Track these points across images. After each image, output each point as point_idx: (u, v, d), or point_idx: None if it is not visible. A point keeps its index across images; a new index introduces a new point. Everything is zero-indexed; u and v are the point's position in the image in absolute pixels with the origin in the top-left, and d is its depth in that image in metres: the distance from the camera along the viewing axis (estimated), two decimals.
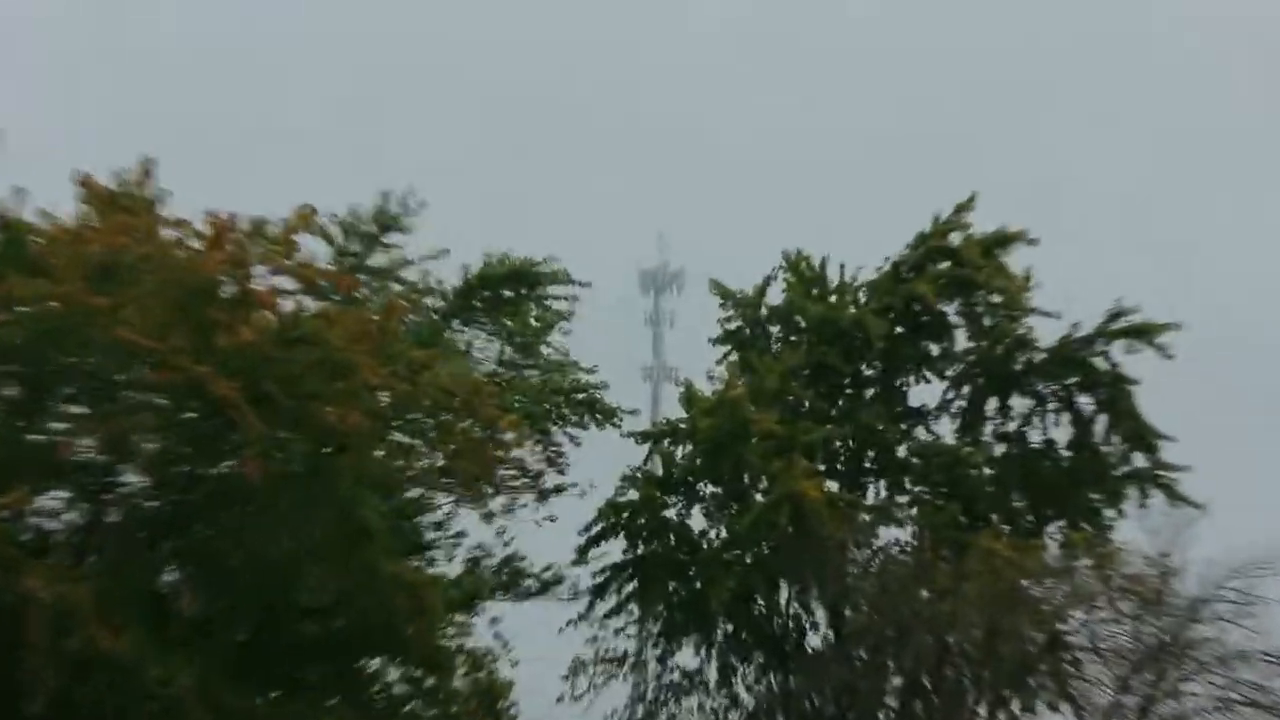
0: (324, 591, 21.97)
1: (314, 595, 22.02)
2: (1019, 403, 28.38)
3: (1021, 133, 51.74)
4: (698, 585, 27.99)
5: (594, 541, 28.54)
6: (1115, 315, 27.26)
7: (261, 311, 20.46)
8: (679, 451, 28.89)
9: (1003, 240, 28.62)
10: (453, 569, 28.54)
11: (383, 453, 23.08)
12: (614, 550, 28.67)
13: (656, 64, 58.74)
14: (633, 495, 28.68)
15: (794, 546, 26.25)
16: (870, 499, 28.45)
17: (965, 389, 28.85)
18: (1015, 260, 28.62)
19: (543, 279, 29.91)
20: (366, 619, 22.04)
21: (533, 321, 30.34)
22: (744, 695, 28.27)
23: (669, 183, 54.62)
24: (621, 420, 30.51)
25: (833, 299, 29.77)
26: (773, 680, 28.12)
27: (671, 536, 28.66)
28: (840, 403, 29.22)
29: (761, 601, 28.13)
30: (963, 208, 29.03)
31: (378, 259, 27.87)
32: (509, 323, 29.97)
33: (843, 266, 29.99)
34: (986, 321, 28.49)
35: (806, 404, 28.64)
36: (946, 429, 28.92)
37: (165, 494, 21.40)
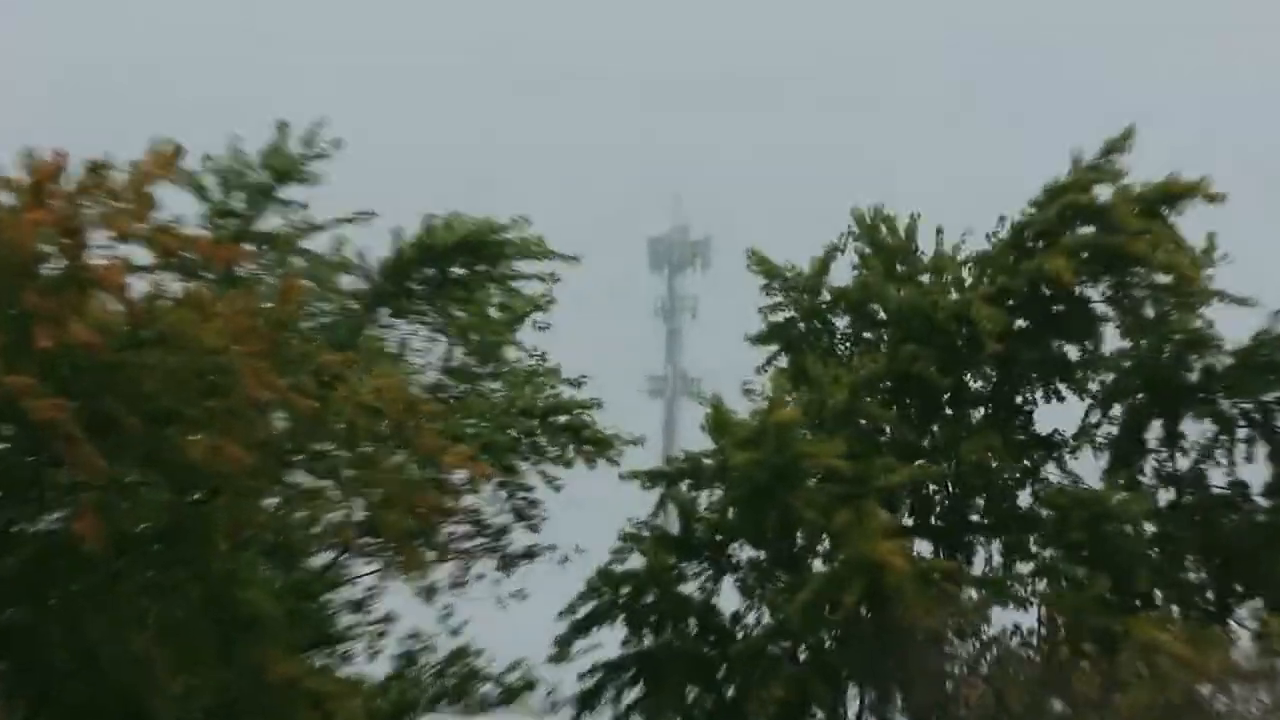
0: (193, 701, 21.91)
1: (178, 707, 21.85)
2: (1195, 429, 28.32)
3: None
4: (730, 691, 28.02)
5: (581, 629, 28.49)
6: None
7: (102, 297, 20.29)
8: (703, 499, 28.90)
9: (1171, 195, 28.29)
10: (378, 669, 28.61)
11: (276, 501, 23.07)
12: (610, 641, 28.70)
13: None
14: (637, 562, 28.65)
15: (868, 636, 26.27)
16: (979, 568, 28.42)
17: (1117, 409, 28.74)
18: (1190, 224, 28.43)
19: (508, 251, 29.71)
20: None
21: (494, 312, 30.24)
22: None
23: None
24: (621, 453, 30.58)
25: (926, 279, 29.73)
26: None
27: (692, 621, 28.65)
28: (936, 429, 29.18)
29: (822, 714, 28.02)
30: (1114, 146, 28.65)
31: (271, 221, 27.86)
32: (460, 313, 29.87)
33: (940, 232, 29.93)
34: (1148, 312, 28.36)
35: (887, 430, 28.61)
36: (1090, 468, 28.87)
37: None
